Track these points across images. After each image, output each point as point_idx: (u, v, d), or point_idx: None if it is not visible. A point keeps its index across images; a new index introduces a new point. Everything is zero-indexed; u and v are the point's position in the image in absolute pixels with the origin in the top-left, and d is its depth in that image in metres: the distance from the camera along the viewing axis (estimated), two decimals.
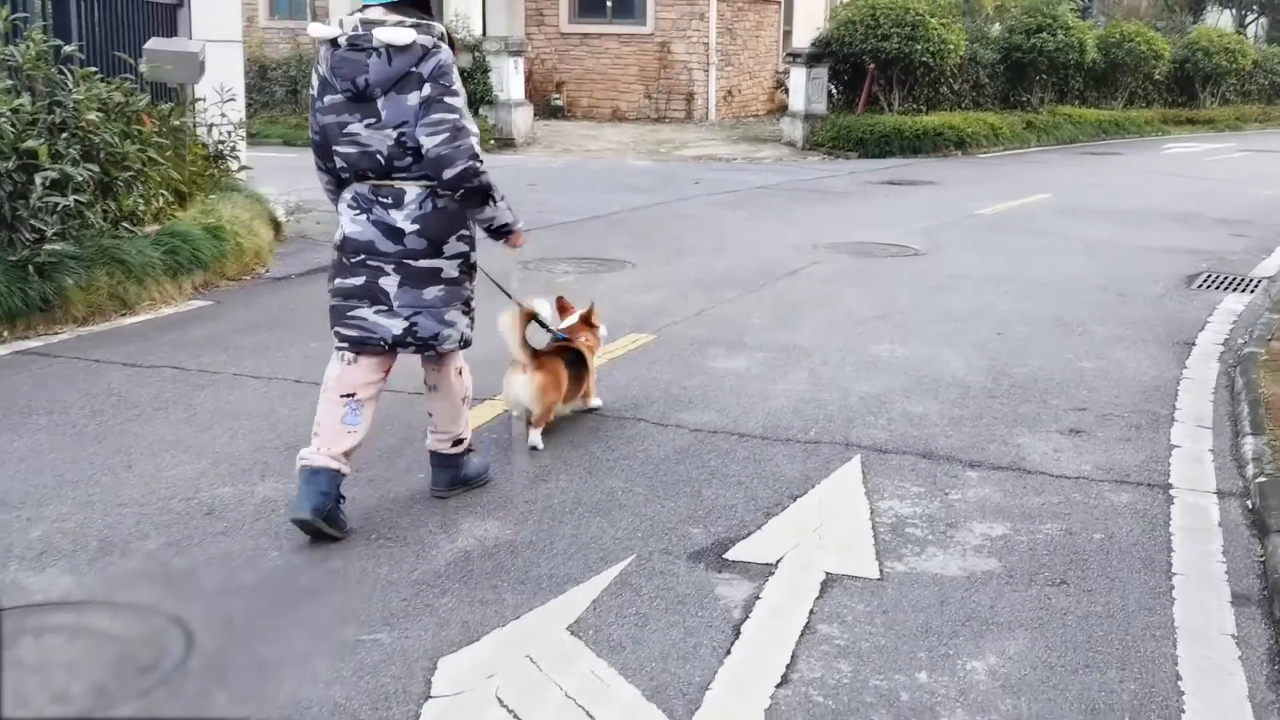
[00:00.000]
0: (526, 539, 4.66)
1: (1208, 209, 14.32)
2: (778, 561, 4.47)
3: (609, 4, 25.53)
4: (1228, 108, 29.26)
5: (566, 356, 5.84)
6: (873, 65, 21.15)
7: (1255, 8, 33.43)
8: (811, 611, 4.11)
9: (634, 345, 7.59)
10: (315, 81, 4.60)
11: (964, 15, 23.73)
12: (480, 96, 20.64)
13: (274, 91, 22.88)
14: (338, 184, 4.74)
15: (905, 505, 5.06)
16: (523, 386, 5.54)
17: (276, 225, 11.08)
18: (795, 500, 5.08)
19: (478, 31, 22.58)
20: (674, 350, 7.47)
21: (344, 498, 4.66)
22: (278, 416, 6.10)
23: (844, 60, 21.51)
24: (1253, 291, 9.67)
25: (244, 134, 11.78)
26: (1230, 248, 11.70)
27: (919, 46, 20.69)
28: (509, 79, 20.79)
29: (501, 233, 4.90)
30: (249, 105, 15.37)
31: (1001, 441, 5.89)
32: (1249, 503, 5.14)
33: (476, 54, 20.67)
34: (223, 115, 10.70)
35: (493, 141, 20.39)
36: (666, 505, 5.01)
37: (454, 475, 5.06)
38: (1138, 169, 19.32)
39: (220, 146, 10.88)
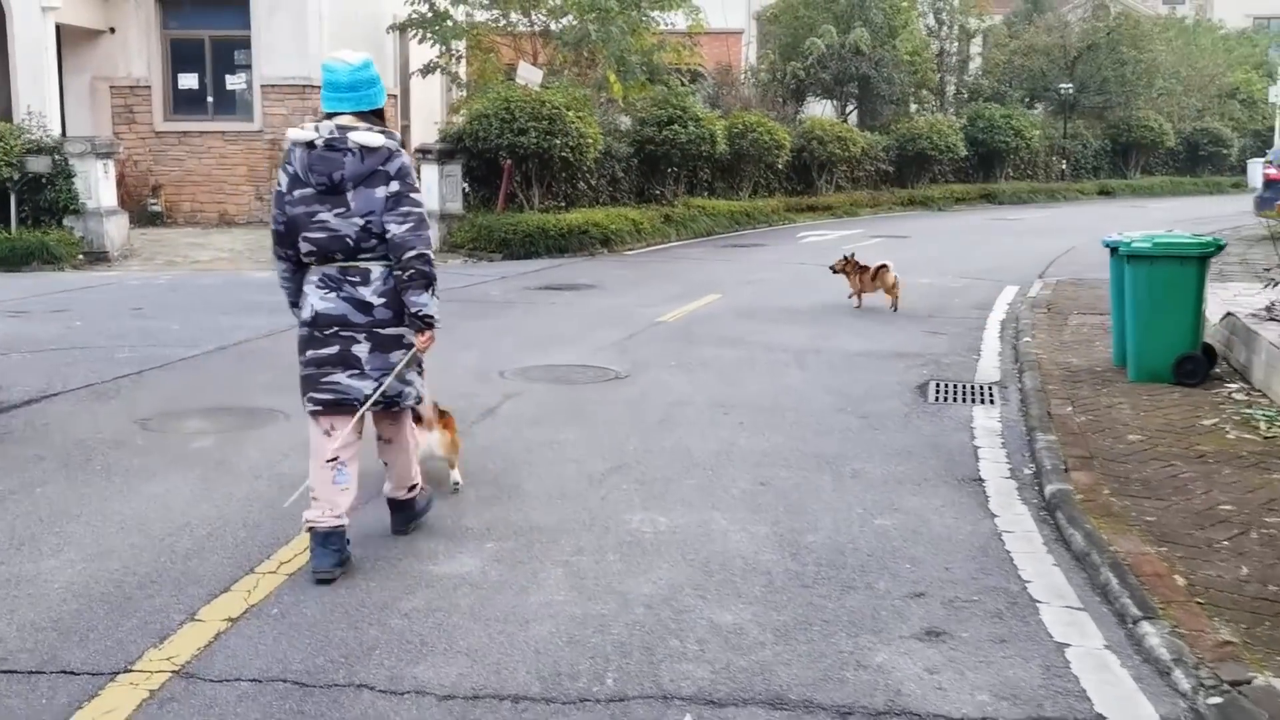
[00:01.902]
0: None
1: (885, 303, 13.74)
2: None
3: (210, 99, 23.06)
4: (842, 194, 30.02)
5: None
6: (508, 161, 19.86)
7: (853, 99, 34.82)
8: None
9: None
10: (284, 178, 5.23)
11: (596, 107, 22.91)
12: (64, 205, 17.78)
13: None
14: (295, 270, 5.35)
15: None
16: (438, 441, 6.27)
17: None
18: None
19: (57, 130, 19.63)
20: (371, 549, 5.58)
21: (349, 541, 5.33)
22: None
23: (477, 156, 20.11)
24: (991, 401, 8.81)
25: None
26: (936, 348, 10.95)
27: (558, 141, 19.59)
28: (98, 184, 18.03)
29: (424, 323, 5.28)
30: None
31: (857, 664, 4.40)
32: None
33: (57, 157, 17.78)
34: None
35: (81, 257, 17.56)
36: None
37: (409, 515, 5.80)
38: (788, 262, 18.91)
39: None
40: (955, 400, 8.86)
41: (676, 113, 23.53)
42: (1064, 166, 39.49)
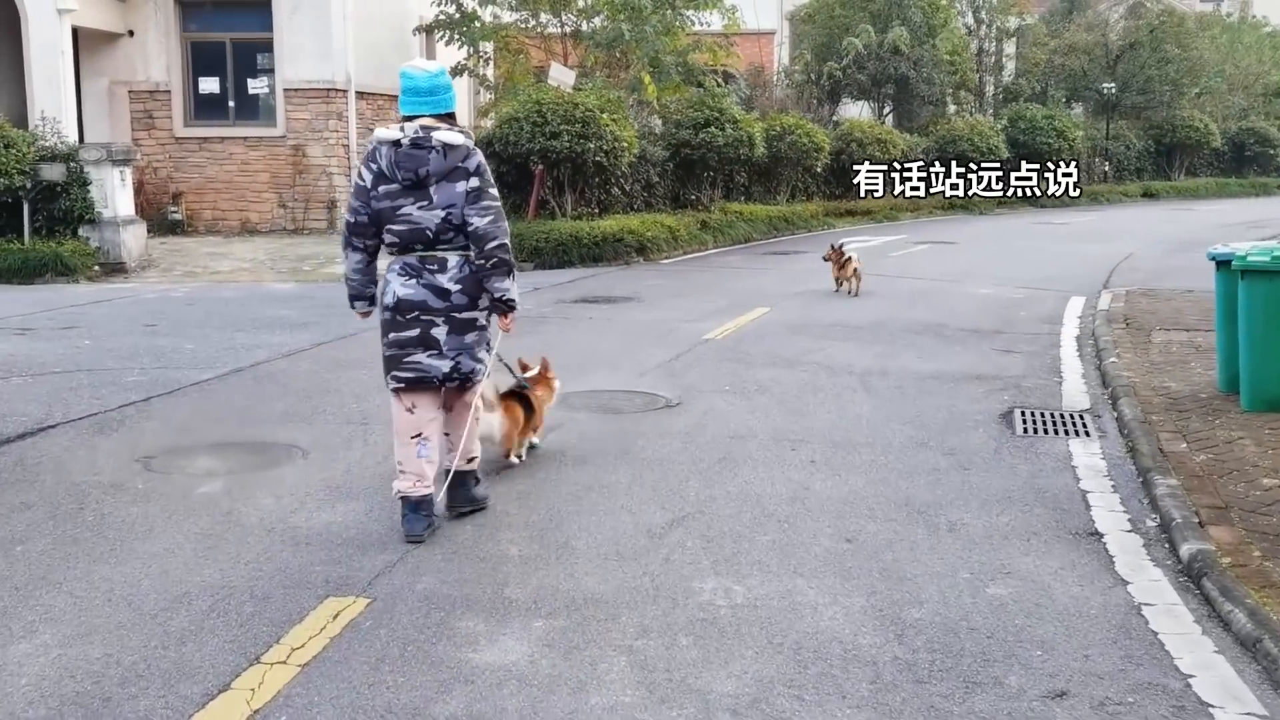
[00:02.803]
0: None
1: (946, 317, 12.84)
2: None
3: (231, 104, 22.37)
4: (882, 198, 29.04)
5: (523, 402, 6.87)
6: (539, 167, 19.04)
7: (890, 101, 33.89)
8: None
9: (335, 621, 4.79)
10: (368, 174, 5.69)
11: (629, 109, 22.06)
12: (79, 215, 17.05)
13: None
14: (369, 263, 5.87)
15: None
16: (495, 423, 6.56)
17: None
18: None
19: (73, 137, 18.92)
20: (402, 630, 4.73)
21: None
22: None
23: (507, 161, 19.27)
24: (1086, 433, 7.90)
25: None
26: (1012, 369, 10.03)
27: (592, 145, 18.75)
28: (115, 193, 17.28)
29: (507, 306, 5.79)
30: None
31: None
32: None
33: (72, 164, 17.04)
34: None
35: (97, 268, 16.83)
36: None
37: (469, 494, 6.04)
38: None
39: None
40: (1046, 431, 7.96)
41: (714, 114, 22.69)
42: (1106, 168, 38.46)
